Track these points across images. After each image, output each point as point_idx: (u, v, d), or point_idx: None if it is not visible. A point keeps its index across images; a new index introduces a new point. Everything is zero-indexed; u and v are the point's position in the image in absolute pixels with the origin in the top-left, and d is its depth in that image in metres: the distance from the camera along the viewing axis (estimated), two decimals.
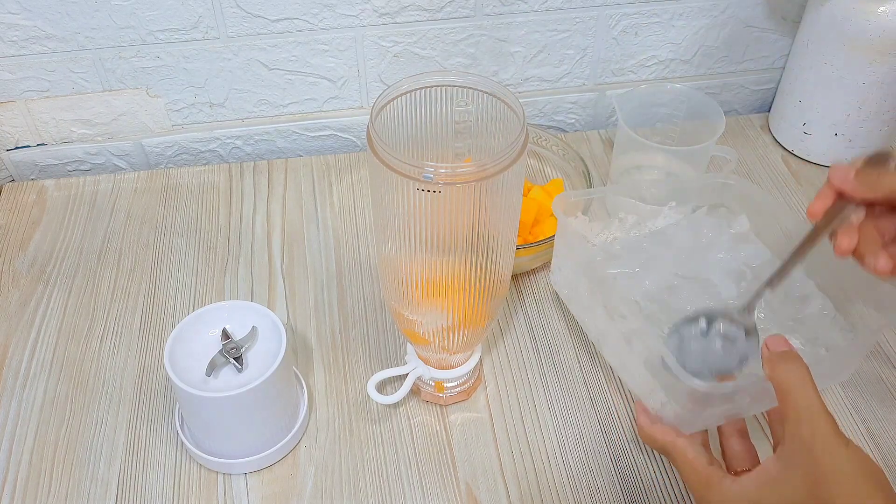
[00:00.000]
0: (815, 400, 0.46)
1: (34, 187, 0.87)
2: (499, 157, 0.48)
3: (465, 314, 0.57)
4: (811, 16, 0.84)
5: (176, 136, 0.92)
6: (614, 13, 0.88)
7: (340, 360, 0.70)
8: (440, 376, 0.64)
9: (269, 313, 0.61)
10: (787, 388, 0.47)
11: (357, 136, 0.95)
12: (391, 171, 0.48)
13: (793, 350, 0.49)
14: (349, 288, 0.76)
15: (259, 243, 0.80)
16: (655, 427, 0.56)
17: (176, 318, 0.74)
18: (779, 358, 0.49)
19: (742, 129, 0.95)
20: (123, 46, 0.83)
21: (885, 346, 0.71)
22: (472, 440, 0.64)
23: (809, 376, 0.48)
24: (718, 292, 0.65)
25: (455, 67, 0.90)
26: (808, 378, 0.48)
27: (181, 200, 0.86)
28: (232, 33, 0.84)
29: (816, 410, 0.46)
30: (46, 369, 0.69)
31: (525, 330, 0.73)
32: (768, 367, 0.49)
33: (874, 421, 0.65)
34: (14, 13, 0.79)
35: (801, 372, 0.48)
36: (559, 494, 0.61)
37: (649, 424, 0.56)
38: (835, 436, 0.45)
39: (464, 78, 0.53)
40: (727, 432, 0.56)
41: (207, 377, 0.58)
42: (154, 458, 0.63)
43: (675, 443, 0.54)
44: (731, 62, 0.96)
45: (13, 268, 0.78)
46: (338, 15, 0.84)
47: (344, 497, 0.61)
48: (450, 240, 0.51)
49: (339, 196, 0.86)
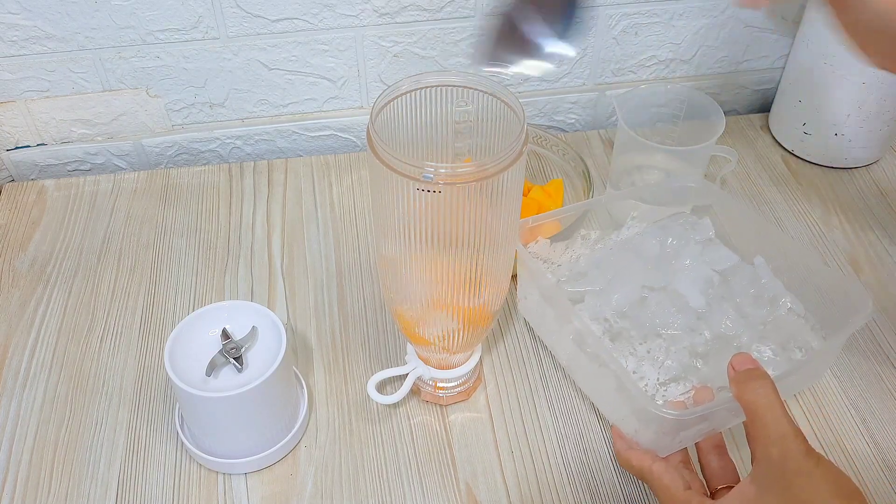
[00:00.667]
0: (782, 420, 0.46)
1: (34, 187, 0.87)
2: (499, 157, 0.48)
3: (465, 314, 0.57)
4: (811, 16, 0.84)
5: (176, 136, 0.92)
6: (614, 13, 0.88)
7: (340, 360, 0.70)
8: (440, 376, 0.64)
9: (269, 313, 0.61)
10: (754, 409, 0.47)
11: (357, 136, 0.95)
12: (391, 171, 0.48)
13: (758, 368, 0.50)
14: (349, 288, 0.76)
15: (259, 243, 0.80)
16: (631, 452, 0.56)
17: (176, 318, 0.74)
18: (745, 377, 0.49)
19: (742, 129, 0.95)
20: (123, 46, 0.83)
21: (885, 346, 0.71)
22: (472, 440, 0.64)
23: (776, 394, 0.48)
24: (686, 302, 0.65)
25: (455, 67, 0.90)
26: (774, 397, 0.47)
27: (181, 200, 0.86)
28: (232, 33, 0.84)
29: (785, 431, 0.46)
30: (46, 369, 0.69)
31: (525, 330, 0.73)
32: (735, 388, 0.49)
33: (874, 421, 0.65)
34: (14, 13, 0.79)
35: (767, 391, 0.48)
36: (559, 494, 0.61)
37: (626, 449, 0.56)
38: (805, 456, 0.45)
39: (464, 78, 0.53)
40: (705, 448, 0.56)
41: (207, 377, 0.58)
42: (154, 458, 0.63)
43: (652, 468, 0.54)
44: (731, 62, 0.96)
45: (13, 268, 0.78)
46: (338, 15, 0.84)
47: (344, 497, 0.61)
48: (450, 240, 0.51)
49: (339, 196, 0.86)
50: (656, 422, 0.53)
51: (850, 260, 0.78)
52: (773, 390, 0.48)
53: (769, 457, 0.46)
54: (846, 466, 0.62)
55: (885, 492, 0.61)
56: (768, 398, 0.47)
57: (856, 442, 0.64)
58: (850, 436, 0.64)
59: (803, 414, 0.66)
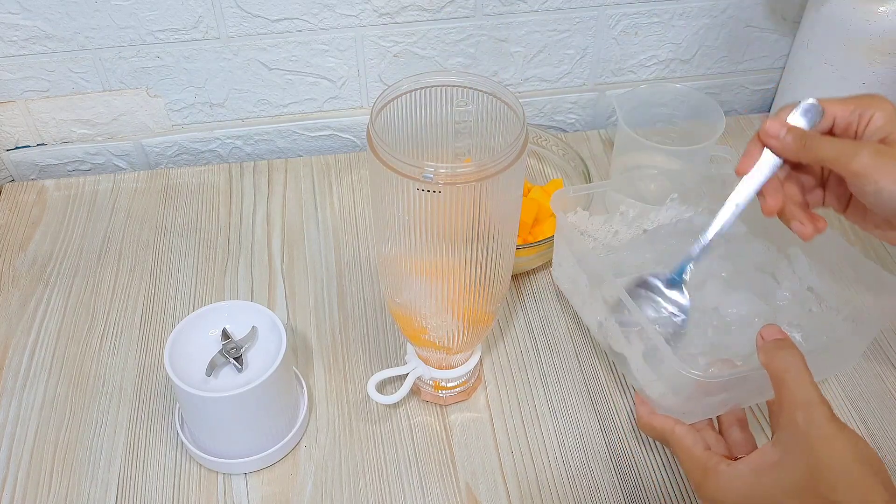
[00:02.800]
0: (809, 387, 0.47)
1: (34, 187, 0.87)
2: (499, 157, 0.48)
3: (465, 314, 0.57)
4: (811, 16, 0.84)
5: (176, 136, 0.92)
6: (614, 13, 0.88)
7: (340, 360, 0.70)
8: (440, 376, 0.64)
9: (269, 313, 0.61)
10: (781, 376, 0.48)
11: (357, 136, 0.95)
12: (391, 171, 0.48)
13: (787, 338, 0.50)
14: (349, 288, 0.76)
15: (259, 243, 0.80)
16: (655, 416, 0.56)
17: (176, 318, 0.74)
18: (773, 346, 0.49)
19: (742, 129, 0.95)
20: (123, 46, 0.83)
21: (885, 346, 0.71)
22: (472, 440, 0.64)
23: (804, 363, 0.48)
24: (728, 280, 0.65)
25: (455, 67, 0.90)
26: (802, 365, 0.48)
27: (181, 200, 0.86)
28: (232, 33, 0.84)
29: (812, 397, 0.47)
30: (46, 369, 0.69)
31: (525, 330, 0.73)
32: (763, 355, 0.50)
33: (874, 421, 0.65)
34: (14, 13, 0.79)
35: (795, 359, 0.48)
36: (559, 494, 0.61)
37: (648, 414, 0.57)
38: (830, 422, 0.46)
39: (464, 78, 0.53)
40: (727, 422, 0.57)
41: (207, 377, 0.58)
42: (154, 458, 0.63)
43: (674, 430, 0.54)
44: (731, 62, 0.96)
45: (13, 268, 0.78)
46: (338, 15, 0.84)
47: (344, 497, 0.61)
48: (450, 240, 0.51)
49: (339, 196, 0.86)
50: (684, 386, 0.53)
51: None
52: (801, 359, 0.48)
53: (794, 421, 0.46)
54: None
55: None
56: (796, 366, 0.48)
57: None
58: None
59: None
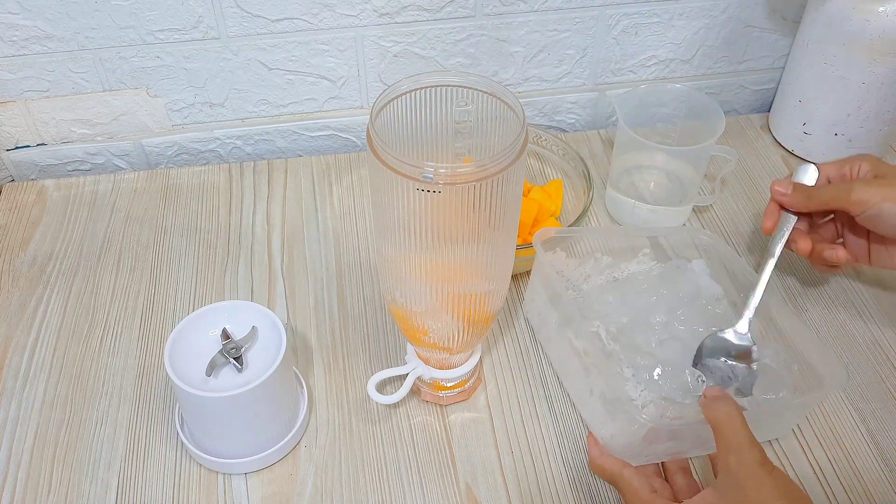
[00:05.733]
0: (742, 432, 0.51)
1: (34, 187, 0.87)
2: (499, 157, 0.48)
3: (465, 314, 0.57)
4: (811, 16, 0.84)
5: (176, 136, 0.92)
6: (614, 13, 0.88)
7: (340, 360, 0.70)
8: (440, 376, 0.64)
9: (269, 313, 0.61)
10: (718, 424, 0.52)
11: (357, 136, 0.95)
12: (391, 171, 0.48)
13: (726, 394, 0.55)
14: (349, 288, 0.76)
15: (259, 243, 0.80)
16: (605, 458, 0.59)
17: (176, 318, 0.74)
18: (713, 400, 0.54)
19: (742, 129, 0.95)
20: (123, 46, 0.83)
21: (885, 346, 0.71)
22: (472, 440, 0.64)
23: (739, 412, 0.53)
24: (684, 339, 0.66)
25: (455, 67, 0.90)
26: (736, 413, 0.52)
27: (181, 200, 0.86)
28: (232, 33, 0.84)
29: (744, 441, 0.51)
30: (46, 369, 0.69)
31: (525, 330, 0.73)
32: (704, 409, 0.54)
33: (874, 421, 0.65)
34: (14, 13, 0.79)
35: (731, 409, 0.53)
36: (559, 494, 0.61)
37: (599, 455, 0.60)
38: (760, 465, 0.49)
39: (464, 78, 0.53)
40: (672, 469, 0.60)
41: (207, 377, 0.58)
42: (154, 458, 0.63)
43: (622, 472, 0.57)
44: (731, 62, 0.96)
45: (13, 268, 0.78)
46: (338, 15, 0.84)
47: (344, 497, 0.61)
48: (450, 240, 0.51)
49: (339, 196, 0.86)
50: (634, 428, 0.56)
51: None
52: (735, 408, 0.53)
53: (728, 464, 0.50)
54: (846, 466, 0.62)
55: (885, 492, 0.61)
56: (730, 414, 0.52)
57: (856, 442, 0.64)
58: (850, 436, 0.65)
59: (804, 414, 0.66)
